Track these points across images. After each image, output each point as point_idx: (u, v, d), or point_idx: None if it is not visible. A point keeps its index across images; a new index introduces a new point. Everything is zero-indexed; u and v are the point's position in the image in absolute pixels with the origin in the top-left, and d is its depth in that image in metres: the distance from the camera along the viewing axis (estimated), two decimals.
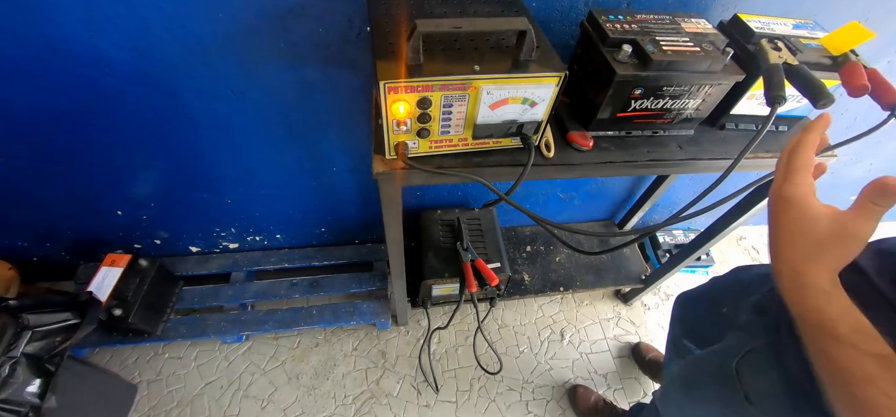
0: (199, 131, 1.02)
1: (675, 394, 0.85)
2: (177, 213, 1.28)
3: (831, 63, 0.71)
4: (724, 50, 0.67)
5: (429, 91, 0.59)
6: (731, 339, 0.73)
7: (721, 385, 0.70)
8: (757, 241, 1.92)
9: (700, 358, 0.81)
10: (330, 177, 1.21)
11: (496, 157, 0.72)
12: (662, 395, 0.92)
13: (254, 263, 1.48)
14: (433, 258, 1.24)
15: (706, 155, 0.78)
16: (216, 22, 0.79)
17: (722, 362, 0.71)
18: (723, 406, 0.70)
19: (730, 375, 0.68)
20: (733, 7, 0.87)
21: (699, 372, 0.79)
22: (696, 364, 0.81)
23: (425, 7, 0.68)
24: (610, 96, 0.68)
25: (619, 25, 0.68)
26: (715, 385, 0.72)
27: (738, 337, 0.72)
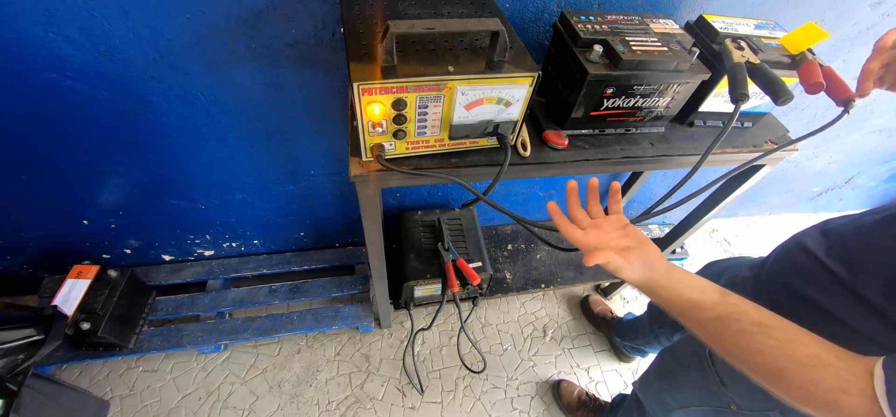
0: (169, 136, 0.98)
1: (653, 381, 0.88)
2: (148, 221, 1.24)
3: (790, 61, 0.74)
4: (690, 49, 0.69)
5: (403, 92, 0.58)
6: None
7: (696, 370, 0.73)
8: (728, 233, 2.00)
9: (675, 345, 0.84)
10: (308, 181, 1.19)
11: (473, 157, 0.72)
12: (642, 383, 0.94)
13: (231, 270, 1.44)
14: (414, 259, 1.23)
15: (676, 151, 0.80)
16: (183, 23, 0.77)
17: (696, 348, 0.74)
18: (699, 390, 0.73)
19: (704, 359, 0.71)
20: (699, 8, 0.90)
21: (675, 359, 0.82)
22: (672, 351, 0.84)
23: (398, 8, 0.68)
24: (583, 95, 0.69)
25: (591, 26, 0.70)
26: (690, 370, 0.75)
27: None
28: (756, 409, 0.63)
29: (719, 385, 0.68)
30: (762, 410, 0.62)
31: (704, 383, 0.71)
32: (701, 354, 0.72)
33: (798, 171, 1.64)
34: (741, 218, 1.97)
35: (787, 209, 1.92)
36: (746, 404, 0.64)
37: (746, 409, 0.64)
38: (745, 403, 0.64)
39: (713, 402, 0.70)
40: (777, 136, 0.88)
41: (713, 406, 0.70)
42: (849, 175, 1.71)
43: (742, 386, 0.64)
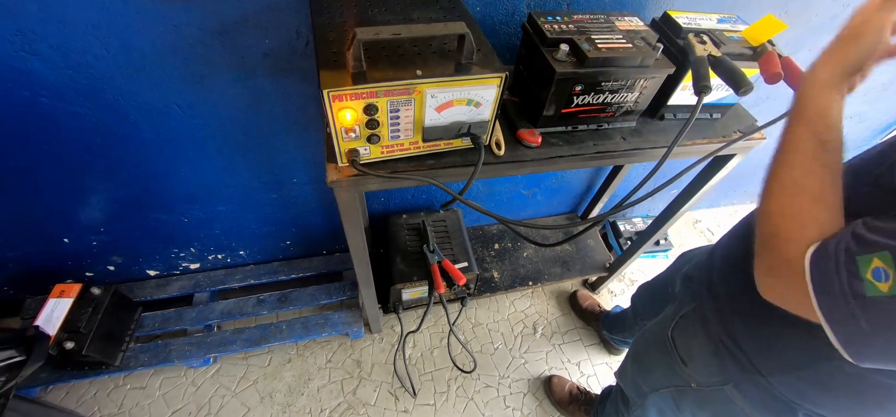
0: (148, 149, 0.98)
1: (629, 368, 0.91)
2: (130, 236, 1.23)
3: (752, 53, 0.76)
4: (654, 45, 0.71)
5: (374, 97, 0.59)
6: (667, 310, 0.79)
7: (662, 353, 0.76)
8: (711, 223, 2.03)
9: (645, 331, 0.87)
10: (290, 189, 1.20)
11: (449, 159, 0.74)
12: (620, 372, 0.97)
13: (217, 282, 1.44)
14: (401, 262, 1.24)
15: (648, 144, 0.82)
16: (156, 37, 0.77)
17: (661, 332, 0.77)
18: (665, 371, 0.76)
19: (667, 342, 0.74)
20: (666, 4, 0.92)
21: (645, 344, 0.84)
22: (643, 336, 0.87)
23: (369, 15, 0.69)
24: (552, 94, 0.71)
25: (557, 26, 0.72)
26: (657, 354, 0.78)
27: (673, 307, 0.78)
28: (713, 384, 0.66)
29: (681, 364, 0.71)
30: (718, 385, 0.65)
31: (668, 363, 0.74)
32: (665, 337, 0.75)
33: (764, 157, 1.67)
34: (723, 208, 2.00)
35: None
36: (704, 380, 0.68)
37: (705, 385, 0.68)
38: (703, 379, 0.68)
39: (676, 381, 0.73)
40: (745, 126, 0.91)
41: (676, 385, 0.73)
42: None
43: (700, 364, 0.68)
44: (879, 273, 0.35)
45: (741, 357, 0.61)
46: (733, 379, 0.63)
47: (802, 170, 0.44)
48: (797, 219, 0.43)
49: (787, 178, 0.45)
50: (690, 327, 0.72)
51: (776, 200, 0.46)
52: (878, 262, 0.35)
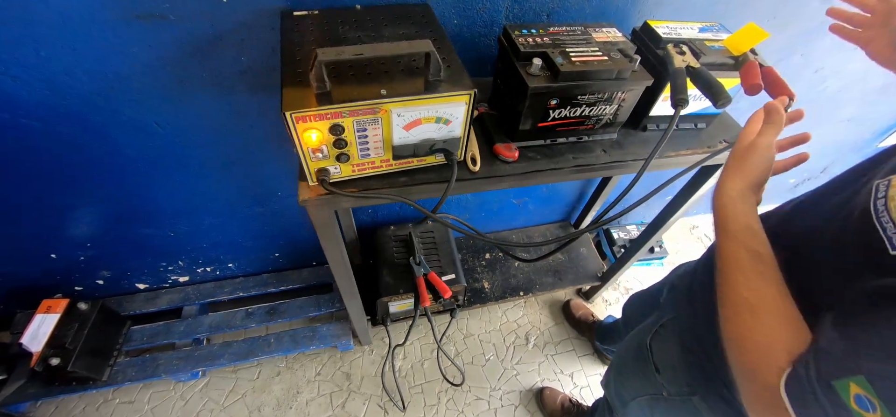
0: (130, 166, 0.98)
1: (611, 377, 0.89)
2: (117, 251, 1.23)
3: (734, 63, 0.74)
4: (632, 57, 0.70)
5: (339, 117, 0.58)
6: (650, 319, 0.78)
7: (639, 361, 0.75)
8: (708, 229, 2.00)
9: (627, 339, 0.85)
10: (276, 202, 1.19)
11: (423, 175, 0.72)
12: (605, 382, 0.96)
13: (206, 295, 1.43)
14: (387, 275, 1.23)
15: (629, 156, 0.81)
16: (131, 57, 0.77)
17: (640, 340, 0.76)
18: (641, 379, 0.75)
19: (645, 350, 0.73)
20: (648, 14, 0.91)
21: (626, 352, 0.83)
22: (624, 345, 0.86)
23: (339, 32, 0.68)
24: (527, 108, 0.70)
25: (532, 39, 0.70)
26: (635, 362, 0.77)
27: (655, 316, 0.77)
28: (682, 394, 0.65)
29: (654, 372, 0.70)
30: (686, 395, 0.64)
31: (644, 372, 0.73)
32: (643, 345, 0.74)
33: None
34: None
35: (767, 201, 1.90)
36: (675, 389, 0.66)
37: (675, 395, 0.67)
38: (674, 388, 0.67)
39: (651, 389, 0.72)
40: (732, 136, 0.88)
41: (651, 393, 0.72)
42: (823, 165, 1.72)
43: (671, 373, 0.67)
44: (863, 401, 0.32)
45: (708, 366, 0.59)
46: (700, 391, 0.62)
47: (747, 287, 0.44)
48: (759, 343, 0.42)
49: (736, 298, 0.45)
50: (667, 336, 0.71)
51: (734, 325, 0.45)
52: (856, 389, 0.32)
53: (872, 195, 0.39)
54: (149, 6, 0.71)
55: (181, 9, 0.71)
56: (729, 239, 0.48)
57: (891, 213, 0.36)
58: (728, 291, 0.46)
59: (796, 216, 0.54)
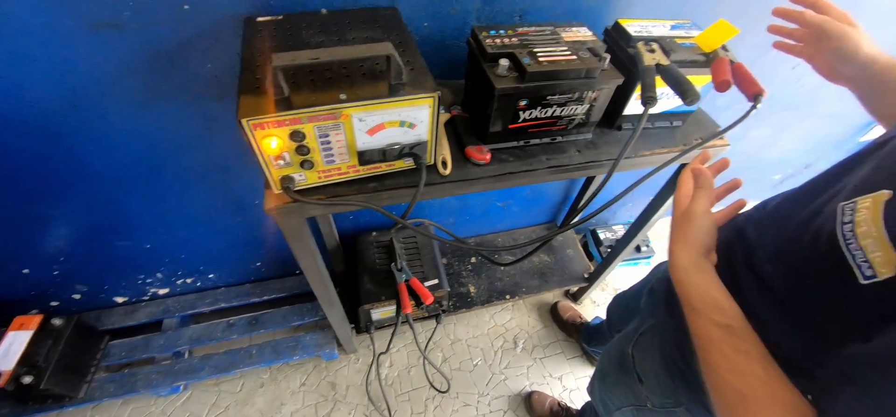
0: (101, 178, 0.96)
1: (596, 384, 0.88)
2: (92, 265, 1.20)
3: (705, 60, 0.74)
4: (601, 56, 0.69)
5: (298, 123, 0.57)
6: (631, 325, 0.77)
7: (622, 370, 0.73)
8: None
9: (609, 347, 0.84)
10: (255, 212, 1.17)
11: (392, 180, 0.71)
12: (590, 388, 0.94)
13: (187, 307, 1.40)
14: (369, 281, 1.21)
15: (603, 156, 0.80)
16: (94, 66, 0.75)
17: (622, 348, 0.74)
18: (625, 389, 0.73)
19: (627, 358, 0.71)
20: (621, 12, 0.90)
21: (609, 360, 0.81)
22: (607, 352, 0.84)
23: (302, 37, 0.67)
24: (496, 110, 0.69)
25: (500, 40, 0.69)
26: (618, 371, 0.75)
27: (636, 321, 0.75)
28: (666, 406, 0.64)
29: (638, 382, 0.68)
30: (670, 406, 0.63)
31: (628, 382, 0.71)
32: (625, 353, 0.72)
33: (755, 162, 1.65)
34: None
35: (752, 197, 1.92)
36: (658, 401, 0.65)
37: (658, 406, 0.65)
38: (657, 400, 0.65)
39: (634, 400, 0.70)
40: (708, 133, 0.88)
41: (635, 403, 0.71)
42: (806, 160, 1.73)
43: (655, 383, 0.65)
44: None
45: (690, 376, 0.58)
46: (684, 402, 0.60)
47: (730, 371, 0.41)
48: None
49: (723, 387, 0.41)
50: (648, 344, 0.69)
51: (731, 409, 0.41)
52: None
53: (838, 218, 0.38)
54: (108, 15, 0.69)
55: (141, 17, 0.70)
56: (697, 316, 0.46)
57: (859, 240, 0.35)
58: (714, 378, 0.43)
59: (767, 226, 0.53)
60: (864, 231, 0.35)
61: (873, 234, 0.34)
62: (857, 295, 0.36)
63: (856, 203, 0.37)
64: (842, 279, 0.37)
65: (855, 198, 0.37)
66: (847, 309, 0.38)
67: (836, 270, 0.37)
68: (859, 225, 0.36)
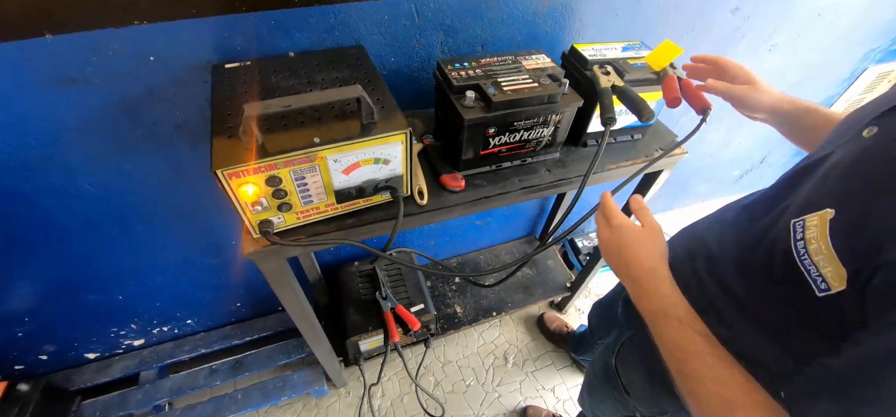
0: (66, 232, 0.93)
1: (585, 396, 0.89)
2: (60, 322, 1.14)
3: (656, 78, 0.79)
4: (561, 81, 0.73)
5: (274, 169, 0.58)
6: (611, 336, 0.79)
7: (608, 384, 0.75)
8: (669, 227, 2.08)
9: (594, 360, 0.86)
10: (231, 251, 1.15)
11: (371, 214, 0.72)
12: (580, 399, 0.96)
13: (165, 356, 1.35)
14: (354, 313, 1.20)
15: (572, 173, 0.84)
16: (56, 122, 0.74)
17: (606, 361, 0.76)
18: (613, 402, 0.75)
19: (611, 371, 0.73)
20: (576, 37, 0.96)
21: (595, 374, 0.83)
22: (592, 365, 0.86)
23: (272, 81, 0.68)
24: (466, 138, 0.71)
25: (464, 72, 0.73)
26: (605, 384, 0.77)
27: (616, 332, 0.77)
28: (654, 415, 0.66)
29: (624, 394, 0.70)
30: (657, 415, 0.64)
31: (615, 394, 0.73)
32: (609, 366, 0.74)
33: (714, 161, 1.75)
34: (677, 210, 2.07)
35: (716, 195, 2.04)
36: (646, 410, 0.67)
37: (647, 415, 0.67)
38: (645, 409, 0.67)
39: (623, 411, 0.72)
40: (666, 143, 0.93)
41: (624, 414, 0.72)
42: (761, 155, 1.84)
43: (640, 394, 0.67)
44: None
45: (670, 384, 0.60)
46: (670, 409, 0.62)
47: (714, 380, 0.42)
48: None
49: (707, 397, 0.42)
50: (630, 355, 0.72)
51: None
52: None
53: (791, 235, 0.40)
54: (70, 71, 0.68)
55: (105, 71, 0.70)
56: (681, 326, 0.46)
57: (811, 256, 0.38)
58: (695, 387, 0.43)
59: (727, 239, 0.55)
60: (815, 248, 0.37)
61: (823, 252, 0.37)
62: (815, 307, 0.38)
63: (805, 220, 0.39)
64: (800, 292, 0.39)
65: (803, 216, 0.40)
66: (808, 319, 0.41)
67: (795, 284, 0.39)
68: (810, 242, 0.38)
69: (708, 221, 0.64)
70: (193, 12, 0.68)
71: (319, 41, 0.78)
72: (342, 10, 0.76)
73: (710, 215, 0.65)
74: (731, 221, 0.58)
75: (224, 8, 0.69)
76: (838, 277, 0.36)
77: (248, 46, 0.75)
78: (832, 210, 0.37)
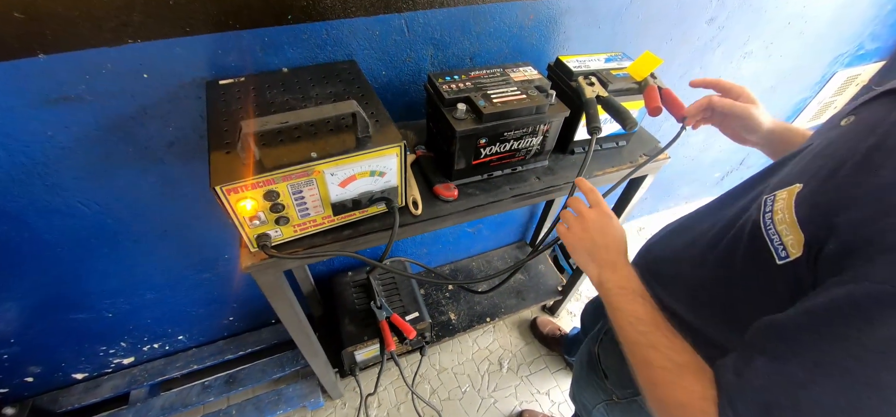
0: (54, 252, 0.92)
1: (574, 388, 0.92)
2: (47, 343, 1.12)
3: (638, 87, 0.83)
4: (548, 92, 0.76)
5: (272, 184, 0.59)
6: (596, 327, 0.82)
7: (590, 370, 0.78)
8: (654, 228, 2.13)
9: (580, 351, 0.89)
10: (224, 265, 1.15)
11: (367, 225, 0.74)
12: (570, 393, 0.98)
13: (156, 374, 1.33)
14: (349, 323, 1.21)
15: (561, 180, 0.86)
16: (47, 141, 0.74)
17: (589, 349, 0.79)
18: (595, 387, 0.78)
19: (594, 358, 0.76)
20: (561, 49, 1.00)
21: (580, 364, 0.86)
22: (579, 356, 0.89)
23: (266, 97, 0.69)
24: (459, 149, 0.74)
25: (455, 85, 0.75)
26: (587, 371, 0.80)
27: (601, 322, 0.80)
28: (628, 396, 0.69)
29: (603, 378, 0.73)
30: (631, 396, 0.68)
31: (596, 380, 0.76)
32: (592, 352, 0.77)
33: (696, 164, 1.81)
34: (662, 212, 2.12)
35: (698, 196, 2.11)
36: (621, 393, 0.70)
37: (622, 398, 0.70)
38: (621, 392, 0.70)
39: (604, 396, 0.75)
40: (650, 149, 0.97)
41: (604, 400, 0.75)
42: (740, 157, 1.92)
43: (616, 377, 0.71)
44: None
45: None
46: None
47: (671, 348, 0.45)
48: (684, 403, 0.42)
49: (657, 358, 0.45)
50: (610, 342, 0.74)
51: (665, 391, 0.44)
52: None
53: (762, 209, 0.44)
54: (63, 90, 0.69)
55: (98, 89, 0.70)
56: (645, 301, 0.51)
57: (776, 226, 0.41)
58: (652, 354, 0.46)
59: (702, 222, 0.60)
60: (780, 217, 0.41)
61: (787, 220, 0.40)
62: (774, 276, 0.41)
63: (775, 195, 0.43)
64: (762, 261, 0.42)
65: (775, 191, 0.43)
66: (765, 289, 0.44)
67: (758, 254, 0.43)
68: (777, 213, 0.41)
69: (677, 221, 0.68)
70: (187, 31, 0.69)
71: (312, 57, 0.80)
72: (334, 26, 0.77)
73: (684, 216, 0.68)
74: (715, 203, 0.61)
75: (217, 26, 0.70)
76: (797, 244, 0.38)
77: (242, 63, 0.76)
78: (801, 184, 0.41)
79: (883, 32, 1.55)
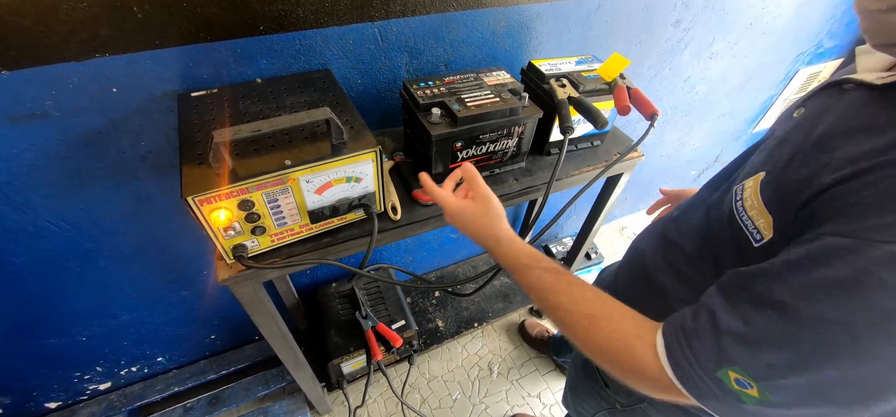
0: (23, 274, 0.88)
1: (569, 396, 0.92)
2: (16, 371, 1.07)
3: (608, 88, 0.85)
4: (521, 95, 0.78)
5: (246, 193, 0.59)
6: None
7: (589, 379, 0.78)
8: (637, 228, 2.18)
9: (573, 358, 0.89)
10: (203, 282, 1.12)
11: (346, 232, 0.73)
12: (564, 400, 0.98)
13: (135, 398, 1.28)
14: (335, 335, 1.19)
15: (538, 181, 0.88)
16: (12, 160, 0.72)
17: (585, 358, 0.78)
18: (595, 397, 0.77)
19: (591, 365, 0.76)
20: (533, 53, 1.02)
21: (576, 373, 0.86)
22: (573, 365, 0.89)
23: (239, 107, 0.69)
24: (435, 153, 0.74)
25: (429, 91, 0.76)
26: (585, 380, 0.79)
27: None
28: (632, 403, 0.68)
29: (604, 387, 0.73)
30: (635, 403, 0.68)
31: (595, 389, 0.76)
32: (588, 361, 0.77)
33: (673, 162, 1.86)
34: (643, 211, 2.17)
35: None
36: (625, 400, 0.69)
37: (626, 405, 0.70)
38: (624, 400, 0.70)
39: (605, 404, 0.74)
40: (623, 147, 1.00)
41: (606, 408, 0.74)
42: (715, 154, 1.98)
43: (617, 384, 0.69)
44: (742, 382, 0.37)
45: None
46: (648, 398, 0.65)
47: (572, 301, 0.48)
48: (618, 342, 0.44)
49: (570, 317, 0.48)
50: None
51: (590, 342, 0.47)
52: (735, 375, 0.37)
53: (734, 198, 0.47)
54: (28, 107, 0.67)
55: (66, 104, 0.69)
56: (530, 271, 0.53)
57: (747, 212, 0.45)
58: (562, 315, 0.49)
59: (687, 216, 0.61)
60: (750, 204, 0.44)
61: (755, 206, 0.44)
62: (753, 260, 0.43)
63: (744, 184, 0.47)
64: (740, 246, 0.45)
65: (744, 180, 0.47)
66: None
67: (737, 240, 0.46)
68: (746, 200, 0.45)
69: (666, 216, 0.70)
70: (156, 44, 0.69)
71: (286, 67, 0.80)
72: (307, 36, 0.78)
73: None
74: (699, 194, 0.65)
75: (187, 38, 0.70)
76: (768, 227, 0.42)
77: (215, 75, 0.76)
78: (764, 172, 0.44)
79: (840, 31, 1.63)
